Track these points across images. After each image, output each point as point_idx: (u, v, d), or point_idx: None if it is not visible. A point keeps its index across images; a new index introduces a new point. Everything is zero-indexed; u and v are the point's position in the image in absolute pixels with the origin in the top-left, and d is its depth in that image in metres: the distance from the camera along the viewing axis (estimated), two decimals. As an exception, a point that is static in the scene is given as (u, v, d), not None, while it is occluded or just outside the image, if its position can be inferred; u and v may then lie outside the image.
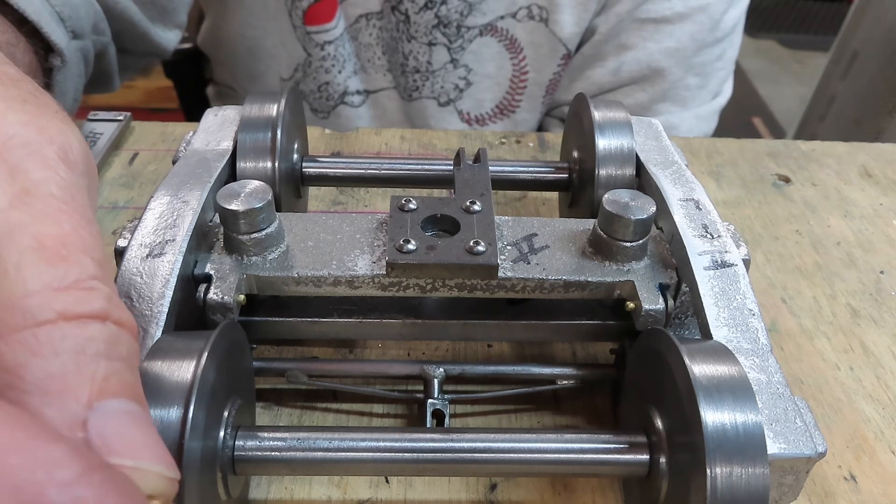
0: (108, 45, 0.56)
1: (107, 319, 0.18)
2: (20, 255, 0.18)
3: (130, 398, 0.18)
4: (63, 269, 0.18)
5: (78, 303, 0.18)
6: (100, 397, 0.17)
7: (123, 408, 0.17)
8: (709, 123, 0.78)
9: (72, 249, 0.19)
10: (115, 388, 0.18)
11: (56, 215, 0.19)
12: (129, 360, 0.19)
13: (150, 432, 0.18)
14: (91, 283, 0.19)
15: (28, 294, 0.17)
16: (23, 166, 0.19)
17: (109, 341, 0.18)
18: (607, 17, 0.70)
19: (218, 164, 0.36)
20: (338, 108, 0.77)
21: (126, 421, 0.17)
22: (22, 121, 0.20)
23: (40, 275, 0.18)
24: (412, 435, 0.28)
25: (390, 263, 0.30)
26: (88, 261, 0.19)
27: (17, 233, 0.18)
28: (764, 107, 2.35)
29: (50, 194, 0.19)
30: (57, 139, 0.20)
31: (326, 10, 0.70)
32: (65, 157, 0.20)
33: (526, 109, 0.77)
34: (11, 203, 0.18)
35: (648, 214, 0.31)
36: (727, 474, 0.23)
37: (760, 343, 0.28)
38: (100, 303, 0.18)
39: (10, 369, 0.17)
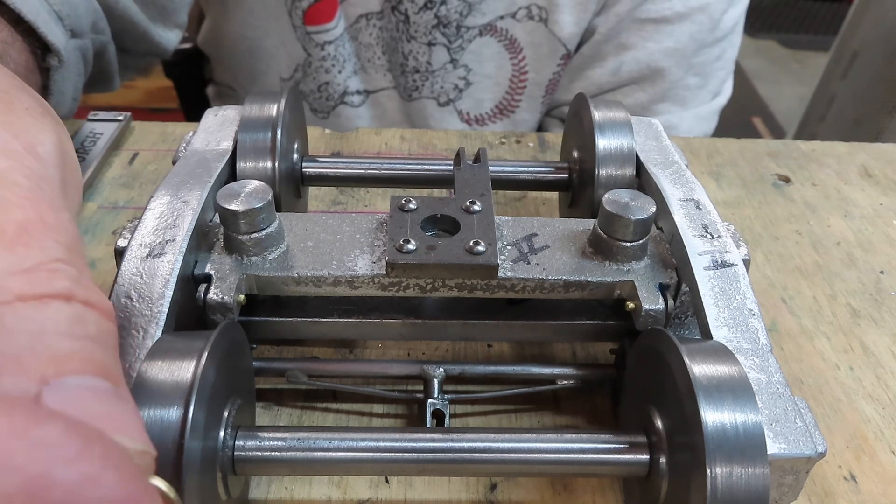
0: (108, 44, 0.56)
1: (71, 299, 0.18)
2: None
3: (97, 374, 0.18)
4: (23, 253, 0.18)
5: (36, 284, 0.18)
6: (58, 374, 0.17)
7: (86, 383, 0.17)
8: (709, 123, 0.78)
9: (34, 234, 0.19)
10: (78, 366, 0.17)
11: (19, 202, 0.19)
12: (98, 339, 0.18)
13: (116, 405, 0.17)
14: (54, 265, 0.18)
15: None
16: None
17: (73, 320, 0.18)
18: (607, 17, 0.70)
19: (218, 164, 0.36)
20: (338, 108, 0.77)
21: (88, 395, 0.17)
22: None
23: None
24: (412, 435, 0.28)
25: (390, 263, 0.30)
26: (52, 244, 0.19)
27: None
28: (764, 107, 2.35)
29: (13, 182, 0.19)
30: (23, 134, 0.20)
31: (327, 10, 0.70)
32: (32, 149, 0.20)
33: (525, 109, 0.77)
34: None
35: (648, 214, 0.31)
36: (727, 474, 0.23)
37: (760, 343, 0.28)
38: (62, 283, 0.18)
39: None
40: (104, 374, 0.18)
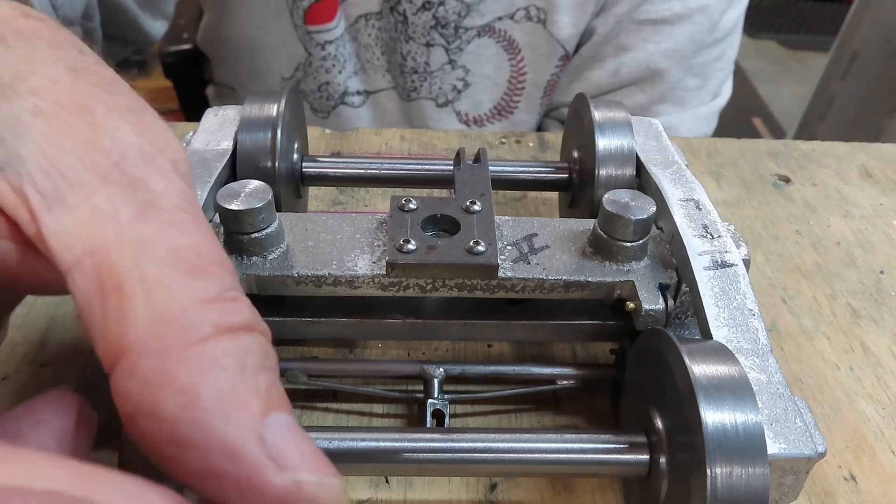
0: (95, 30, 0.56)
1: (255, 330, 0.18)
2: (160, 269, 0.17)
3: (288, 411, 0.17)
4: (205, 280, 0.17)
5: (228, 315, 0.17)
6: (267, 411, 0.16)
7: (287, 420, 0.17)
8: (708, 124, 0.78)
9: (207, 260, 0.18)
10: (276, 401, 0.17)
11: (183, 226, 0.18)
12: (275, 371, 0.18)
13: (311, 443, 0.17)
14: (233, 293, 0.18)
15: (182, 309, 0.16)
16: (142, 178, 0.18)
17: (262, 353, 0.18)
18: (606, 18, 0.70)
19: (218, 164, 0.36)
20: (338, 108, 0.77)
21: (293, 434, 0.17)
22: (133, 131, 0.19)
23: (187, 288, 0.17)
24: (412, 435, 0.28)
25: (390, 263, 0.30)
26: (224, 271, 0.18)
27: (150, 246, 0.17)
28: (764, 107, 2.35)
29: (173, 205, 0.18)
30: (167, 150, 0.19)
31: (327, 10, 0.71)
32: (175, 167, 0.19)
33: (524, 110, 0.77)
34: (137, 216, 0.17)
35: (648, 214, 0.31)
36: (727, 474, 0.23)
37: (760, 343, 0.28)
38: (247, 313, 0.18)
39: (185, 389, 0.16)
40: (289, 408, 0.18)
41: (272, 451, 0.16)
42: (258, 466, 0.16)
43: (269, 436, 0.16)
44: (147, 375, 0.16)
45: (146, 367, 0.16)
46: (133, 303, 0.16)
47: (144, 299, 0.16)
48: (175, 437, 0.16)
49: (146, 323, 0.16)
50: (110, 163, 0.18)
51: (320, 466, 0.17)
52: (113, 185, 0.18)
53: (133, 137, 0.19)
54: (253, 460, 0.16)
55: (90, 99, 0.19)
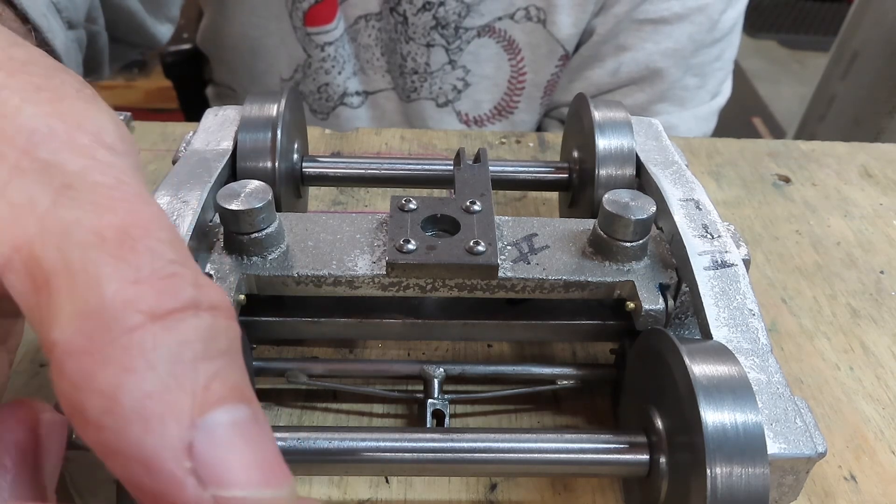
0: (100, 32, 0.56)
1: (198, 308, 0.16)
2: (83, 255, 0.15)
3: (235, 400, 0.16)
4: (134, 260, 0.15)
5: (162, 296, 0.15)
6: (202, 411, 0.15)
7: (228, 418, 0.15)
8: (708, 124, 0.78)
9: (136, 235, 0.16)
10: (218, 396, 0.15)
11: (107, 203, 0.16)
12: (229, 352, 0.16)
13: (258, 440, 0.16)
14: (169, 268, 0.16)
15: (106, 297, 0.15)
16: (55, 159, 0.16)
17: (206, 337, 0.16)
18: (605, 17, 0.70)
19: (218, 164, 0.36)
20: (337, 109, 0.77)
21: (231, 437, 0.15)
22: (42, 112, 0.17)
23: (112, 272, 0.15)
24: (412, 435, 0.28)
25: (390, 263, 0.30)
26: (158, 244, 0.16)
27: (71, 232, 0.16)
28: (764, 107, 2.35)
29: (95, 183, 0.16)
30: (86, 124, 0.18)
31: (327, 12, 0.71)
32: (99, 140, 0.18)
33: (524, 110, 0.77)
34: (55, 202, 0.16)
35: (648, 214, 0.31)
36: (727, 474, 0.23)
37: (760, 343, 0.28)
38: (186, 291, 0.16)
39: (105, 392, 0.14)
40: (242, 396, 0.16)
41: (198, 461, 0.15)
42: (175, 482, 0.14)
43: (200, 442, 0.15)
44: (70, 376, 0.15)
45: (69, 367, 0.15)
46: (58, 297, 0.15)
47: (68, 292, 0.15)
48: (100, 443, 0.15)
49: (70, 318, 0.15)
50: (18, 151, 0.16)
51: (256, 476, 0.15)
52: (25, 174, 0.16)
53: (39, 118, 0.17)
54: (169, 475, 0.14)
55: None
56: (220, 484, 0.15)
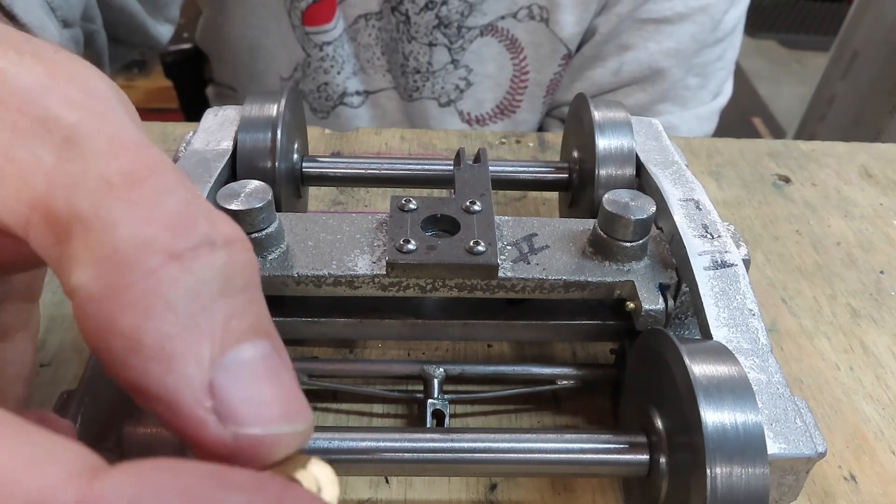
0: (97, 32, 0.56)
1: (214, 244, 0.16)
2: (94, 202, 0.15)
3: (255, 336, 0.16)
4: (143, 200, 0.15)
5: (176, 234, 0.15)
6: (223, 350, 0.15)
7: (247, 356, 0.15)
8: (709, 124, 0.78)
9: (142, 177, 0.16)
10: (238, 333, 0.15)
11: (109, 150, 0.16)
12: (247, 288, 0.16)
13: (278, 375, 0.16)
14: (180, 205, 0.16)
15: (120, 240, 0.15)
16: (52, 114, 0.17)
17: (223, 274, 0.16)
18: (608, 17, 0.70)
19: (218, 164, 0.36)
20: (337, 108, 0.77)
21: (251, 374, 0.15)
22: (30, 72, 0.17)
23: (124, 215, 0.15)
24: (412, 435, 0.28)
25: (390, 263, 0.30)
26: (165, 182, 0.16)
27: (80, 183, 0.16)
28: (764, 107, 2.35)
29: (94, 131, 0.17)
30: (74, 77, 0.18)
31: (325, 11, 0.70)
32: (89, 92, 0.18)
33: (526, 110, 0.77)
34: (59, 157, 0.16)
35: (648, 214, 0.31)
36: (727, 474, 0.23)
37: (760, 343, 0.28)
38: (200, 227, 0.16)
39: (128, 335, 0.15)
40: (262, 331, 0.16)
41: (218, 400, 0.15)
42: (196, 421, 0.15)
43: (220, 381, 0.15)
44: (94, 321, 0.15)
45: (91, 312, 0.15)
46: (76, 245, 0.15)
47: (83, 239, 0.15)
48: (126, 381, 0.15)
49: (86, 265, 0.15)
50: (12, 112, 0.16)
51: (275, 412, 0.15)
52: (25, 132, 0.16)
53: (28, 77, 0.17)
54: (190, 414, 0.15)
55: None
56: (239, 422, 0.15)
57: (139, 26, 0.61)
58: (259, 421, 0.15)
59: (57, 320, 0.40)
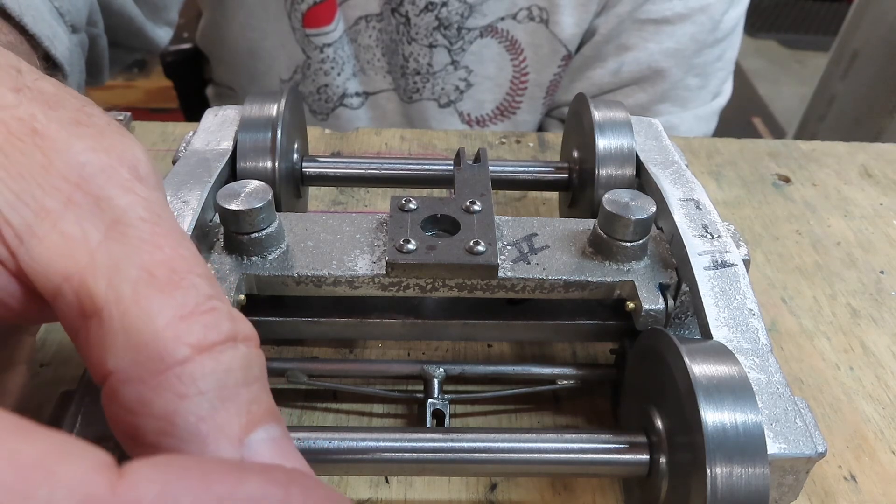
0: (99, 36, 0.56)
1: (236, 340, 0.17)
2: (134, 289, 0.17)
3: (270, 420, 0.17)
4: (180, 296, 0.17)
5: (207, 330, 0.17)
6: (248, 431, 0.16)
7: (268, 436, 0.17)
8: (709, 124, 0.78)
9: (181, 272, 0.17)
10: (259, 417, 0.17)
11: (153, 240, 0.18)
12: (261, 378, 0.18)
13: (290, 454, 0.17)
14: (210, 303, 0.17)
15: (158, 331, 0.16)
16: (105, 194, 0.18)
17: (244, 365, 0.17)
18: (607, 17, 0.70)
19: (218, 164, 0.36)
20: (337, 109, 0.77)
21: (272, 452, 0.17)
22: (88, 147, 0.18)
23: (162, 307, 0.16)
24: (412, 435, 0.28)
25: (390, 263, 0.30)
26: (199, 280, 0.18)
27: (123, 266, 0.17)
28: (764, 107, 2.35)
29: (140, 219, 0.18)
30: (125, 157, 0.19)
31: (326, 13, 0.70)
32: (137, 174, 0.19)
33: (526, 110, 0.77)
34: (107, 236, 0.17)
35: (648, 214, 0.31)
36: (727, 474, 0.23)
37: (760, 343, 0.28)
38: (226, 324, 0.17)
39: (162, 416, 0.16)
40: (274, 416, 0.17)
41: None
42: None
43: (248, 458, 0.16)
44: (127, 402, 0.16)
45: (125, 394, 0.16)
46: (110, 328, 0.16)
47: (121, 324, 0.16)
48: None
49: (123, 349, 0.16)
50: (71, 185, 0.17)
51: None
52: (78, 207, 0.17)
53: (88, 153, 0.18)
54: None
55: (38, 121, 0.18)
56: None
57: (138, 30, 0.61)
58: None
59: (57, 320, 0.40)
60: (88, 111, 0.20)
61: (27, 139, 0.18)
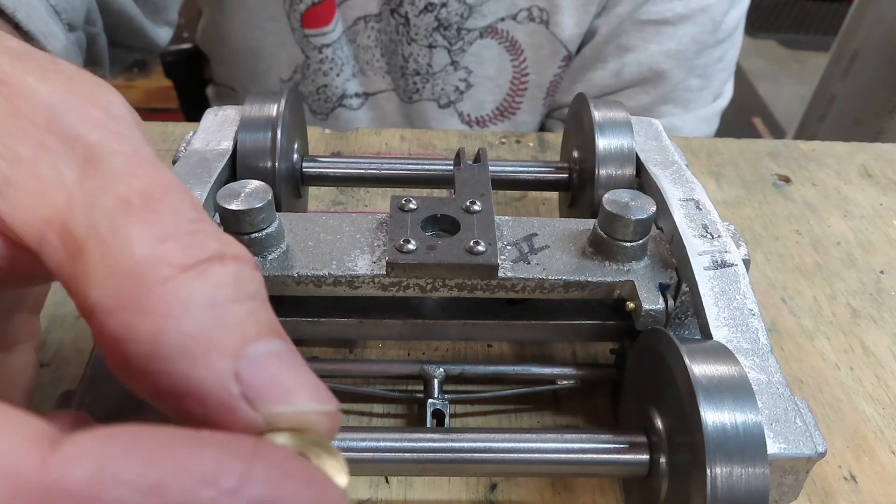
0: (98, 35, 0.56)
1: (224, 259, 0.17)
2: (110, 219, 0.16)
3: (272, 335, 0.16)
4: (158, 219, 0.16)
5: (189, 250, 0.16)
6: (243, 345, 0.16)
7: (269, 348, 0.16)
8: (710, 125, 0.78)
9: (158, 197, 0.17)
10: (256, 330, 0.16)
11: (128, 170, 0.17)
12: (258, 296, 0.17)
13: (299, 367, 0.16)
14: (193, 226, 0.17)
15: (136, 256, 0.16)
16: (75, 133, 0.17)
17: (234, 282, 0.16)
18: (608, 18, 0.70)
19: (218, 163, 0.36)
20: (336, 110, 0.77)
21: (275, 362, 0.16)
22: (56, 90, 0.18)
23: (139, 233, 0.16)
24: (412, 435, 0.28)
25: (390, 263, 0.30)
26: (179, 204, 0.17)
27: (99, 200, 0.16)
28: (764, 107, 2.35)
29: (113, 152, 0.17)
30: (95, 98, 0.19)
31: (324, 13, 0.70)
32: (109, 113, 0.18)
33: (526, 111, 0.77)
34: (81, 173, 0.17)
35: (648, 214, 0.31)
36: (727, 474, 0.23)
37: (760, 343, 0.28)
38: (211, 244, 0.17)
39: (148, 340, 0.15)
40: (277, 332, 0.17)
41: (247, 386, 0.15)
42: (227, 407, 0.15)
43: (245, 370, 0.15)
44: (113, 333, 0.16)
45: (110, 325, 0.16)
46: (90, 262, 0.16)
47: (100, 256, 0.16)
48: (148, 389, 0.16)
49: (104, 279, 0.16)
50: (40, 129, 0.17)
51: (305, 394, 0.16)
52: (49, 150, 0.17)
53: (53, 95, 0.18)
54: (220, 402, 0.15)
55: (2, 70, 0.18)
56: (271, 401, 0.15)
57: (138, 30, 0.61)
58: (291, 400, 0.16)
59: (57, 320, 0.40)
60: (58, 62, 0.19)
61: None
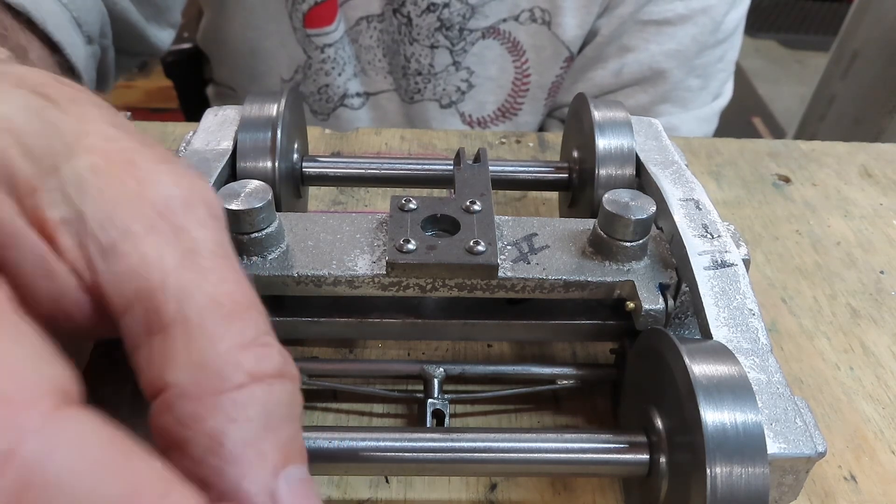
0: (109, 48, 0.56)
1: (284, 377, 0.18)
2: (201, 314, 0.18)
3: (301, 461, 0.18)
4: (241, 326, 0.18)
5: (261, 362, 0.18)
6: (284, 465, 0.17)
7: (301, 475, 0.18)
8: (709, 125, 0.78)
9: (243, 306, 0.19)
10: (294, 454, 0.18)
11: (221, 272, 0.19)
12: (300, 419, 0.19)
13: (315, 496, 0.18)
14: (266, 338, 0.19)
15: (219, 355, 0.18)
16: (184, 226, 0.19)
17: (289, 402, 0.18)
18: (609, 19, 0.70)
19: (218, 163, 0.36)
20: (337, 110, 0.77)
21: (303, 489, 0.18)
22: (173, 182, 0.20)
23: (224, 334, 0.18)
24: (412, 435, 0.28)
25: (390, 263, 0.30)
26: (258, 316, 0.19)
27: (192, 292, 0.18)
28: (764, 107, 2.35)
29: (211, 252, 0.19)
30: (203, 196, 0.20)
31: (327, 13, 0.70)
32: (212, 213, 0.20)
33: (528, 112, 0.77)
34: (181, 263, 0.19)
35: (648, 214, 0.31)
36: (727, 474, 0.23)
37: (760, 343, 0.28)
38: (278, 360, 0.18)
39: (212, 435, 0.17)
40: (304, 458, 0.18)
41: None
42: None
43: (280, 491, 0.17)
44: (181, 416, 0.17)
45: (181, 407, 0.17)
46: (175, 346, 0.17)
47: (185, 343, 0.17)
48: (197, 475, 0.17)
49: (185, 366, 0.17)
50: (155, 213, 0.19)
51: None
52: (158, 233, 0.19)
53: (173, 188, 0.20)
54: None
55: (135, 154, 0.20)
56: None
57: (140, 34, 0.61)
58: None
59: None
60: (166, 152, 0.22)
61: (124, 169, 0.19)
